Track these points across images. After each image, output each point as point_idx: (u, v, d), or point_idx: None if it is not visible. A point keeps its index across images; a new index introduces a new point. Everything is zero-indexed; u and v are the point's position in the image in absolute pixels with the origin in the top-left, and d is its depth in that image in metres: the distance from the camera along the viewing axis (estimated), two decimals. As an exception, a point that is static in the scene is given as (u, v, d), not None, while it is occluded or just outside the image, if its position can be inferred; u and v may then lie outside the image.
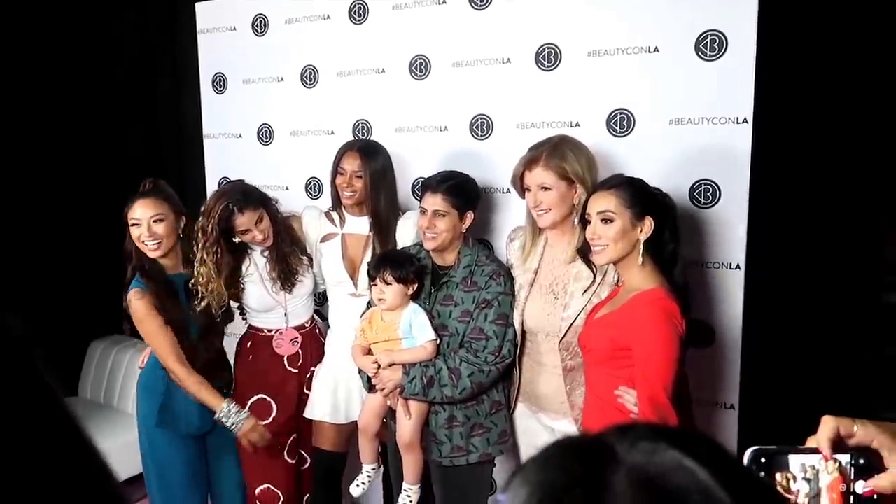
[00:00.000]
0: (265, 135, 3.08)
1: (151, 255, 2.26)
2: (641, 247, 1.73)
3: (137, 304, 2.24)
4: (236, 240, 2.33)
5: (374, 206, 2.37)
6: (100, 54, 3.81)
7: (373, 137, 2.73)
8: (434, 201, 2.10)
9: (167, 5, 3.70)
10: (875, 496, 0.70)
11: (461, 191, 2.14)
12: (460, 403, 2.11)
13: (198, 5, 3.20)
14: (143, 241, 2.24)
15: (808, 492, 0.70)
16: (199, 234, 2.28)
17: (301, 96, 2.94)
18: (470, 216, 2.15)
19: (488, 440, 2.15)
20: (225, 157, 3.19)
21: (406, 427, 2.14)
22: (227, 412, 2.25)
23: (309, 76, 2.92)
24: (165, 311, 2.25)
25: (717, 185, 2.16)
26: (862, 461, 0.70)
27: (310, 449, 2.55)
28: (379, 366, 2.12)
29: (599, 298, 1.93)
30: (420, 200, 2.18)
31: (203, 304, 2.30)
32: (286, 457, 2.50)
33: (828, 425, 0.70)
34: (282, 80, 3.00)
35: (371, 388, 2.19)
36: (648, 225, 1.72)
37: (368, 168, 2.33)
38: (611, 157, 2.25)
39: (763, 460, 0.70)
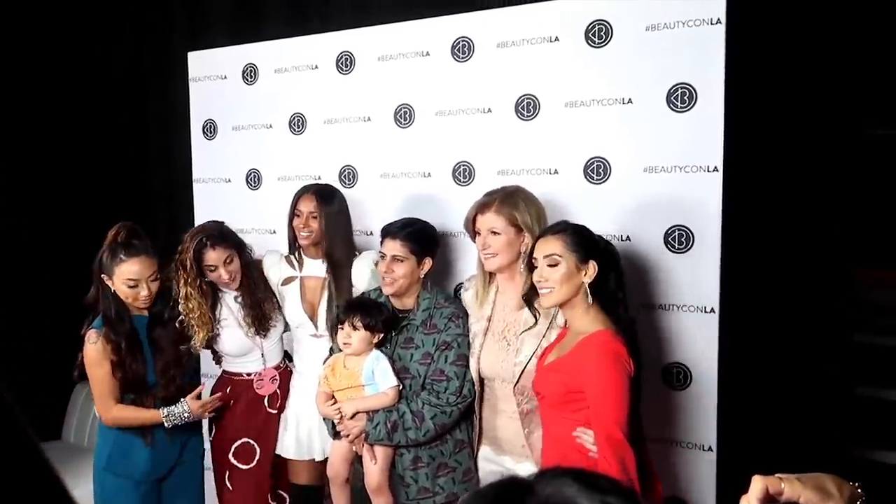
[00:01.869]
0: (253, 180, 3.14)
1: (140, 306, 2.29)
2: (588, 289, 1.78)
3: (90, 347, 2.24)
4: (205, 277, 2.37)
5: (328, 248, 2.43)
6: (93, 99, 3.89)
7: (359, 183, 2.81)
8: (393, 247, 2.15)
9: (160, 53, 3.80)
10: None
11: (419, 237, 2.19)
12: (424, 445, 2.13)
13: (190, 54, 3.28)
14: (138, 300, 2.26)
15: None
16: (180, 270, 2.32)
17: (289, 143, 3.01)
18: (428, 262, 2.20)
19: (454, 479, 2.16)
20: (214, 201, 3.24)
21: (373, 472, 2.15)
22: (169, 414, 2.26)
23: (297, 123, 3.00)
24: (123, 360, 2.25)
25: (690, 230, 2.23)
26: None
27: (288, 487, 2.56)
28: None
29: (549, 342, 1.97)
30: (380, 245, 2.22)
31: (200, 339, 2.34)
32: (270, 500, 2.51)
33: (756, 485, 0.74)
34: (270, 127, 3.07)
35: (336, 434, 2.20)
36: (592, 269, 1.77)
37: (323, 210, 2.40)
38: (588, 203, 2.32)
39: None
